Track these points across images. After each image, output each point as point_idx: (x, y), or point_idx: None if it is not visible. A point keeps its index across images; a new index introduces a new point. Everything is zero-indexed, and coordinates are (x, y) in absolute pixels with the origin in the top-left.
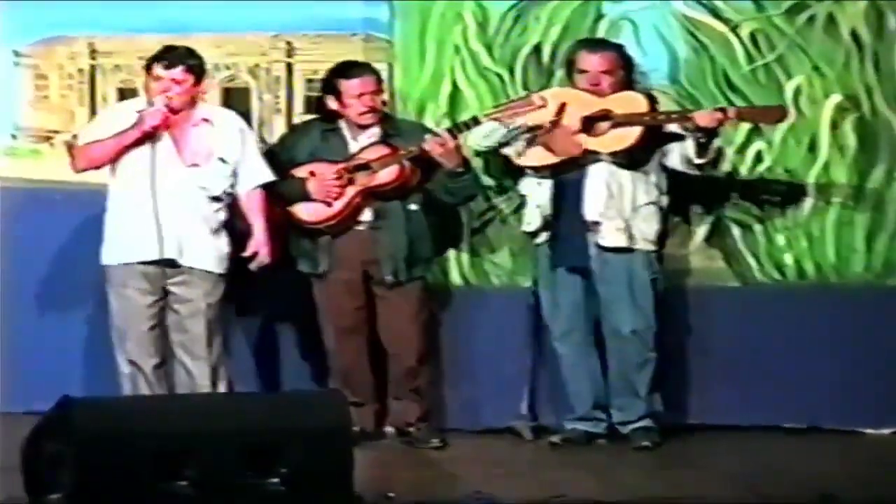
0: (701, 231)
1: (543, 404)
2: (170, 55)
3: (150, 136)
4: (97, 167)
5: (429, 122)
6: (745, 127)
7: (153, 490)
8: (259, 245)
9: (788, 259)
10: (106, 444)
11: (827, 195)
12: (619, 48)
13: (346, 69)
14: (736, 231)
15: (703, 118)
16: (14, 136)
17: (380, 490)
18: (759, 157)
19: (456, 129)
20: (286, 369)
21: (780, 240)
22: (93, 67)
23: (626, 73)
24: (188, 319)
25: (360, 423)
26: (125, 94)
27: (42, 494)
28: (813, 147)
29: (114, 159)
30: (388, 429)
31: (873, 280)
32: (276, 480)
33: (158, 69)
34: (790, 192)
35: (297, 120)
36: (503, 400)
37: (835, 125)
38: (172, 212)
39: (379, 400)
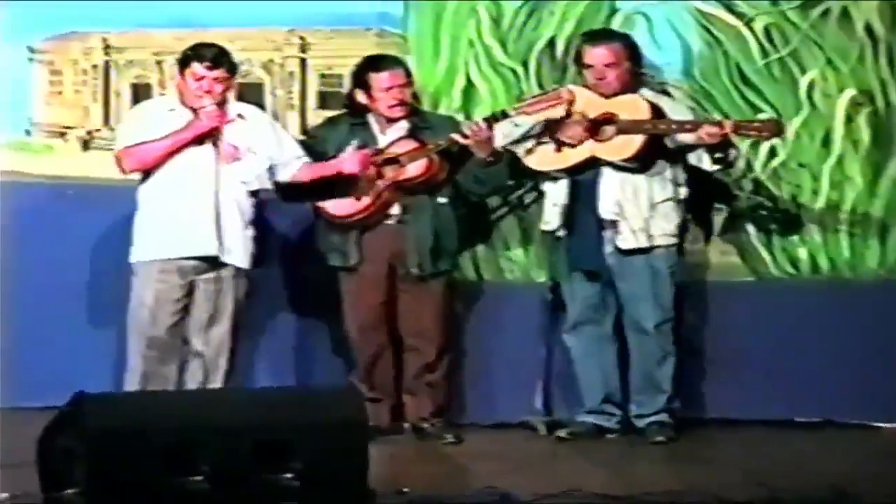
0: (715, 226)
1: (558, 399)
2: (210, 55)
3: (203, 137)
4: (148, 168)
5: None
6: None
7: (166, 485)
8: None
9: (802, 254)
10: (119, 440)
11: (841, 190)
12: (623, 38)
13: (376, 62)
14: (750, 226)
15: (702, 132)
16: (28, 132)
17: (394, 485)
18: (773, 152)
19: (492, 119)
20: (314, 364)
21: (794, 234)
22: (107, 63)
23: (632, 64)
24: (216, 316)
25: (376, 418)
26: (139, 89)
27: (57, 490)
28: (827, 141)
29: (166, 160)
30: (405, 424)
31: (887, 275)
32: (290, 475)
33: (199, 68)
34: (804, 187)
35: (310, 115)
36: (518, 394)
37: (849, 119)
38: (223, 208)
39: (396, 395)
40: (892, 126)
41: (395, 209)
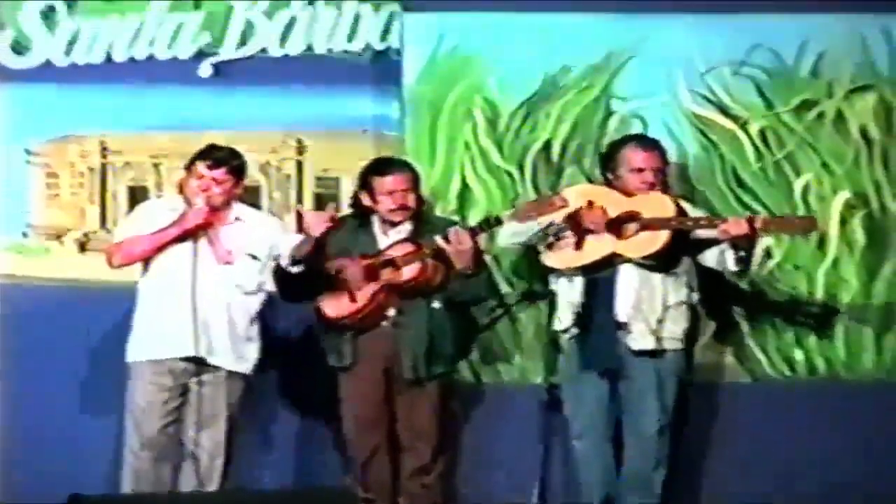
0: (710, 326)
1: (554, 499)
2: (214, 155)
3: (189, 234)
4: (135, 263)
5: None
6: None
7: None
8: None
9: (798, 355)
10: None
11: (836, 291)
12: (660, 145)
13: (381, 165)
14: (745, 327)
15: (731, 227)
16: (25, 234)
17: None
18: (768, 253)
19: (479, 228)
20: (313, 464)
21: (790, 336)
22: (104, 166)
23: (666, 167)
24: (209, 419)
25: None
26: (136, 192)
27: None
28: (822, 243)
29: (152, 255)
30: None
31: (884, 376)
32: None
33: (201, 168)
34: (800, 288)
35: None
36: (514, 496)
37: (844, 222)
38: (208, 310)
39: (392, 496)
40: (886, 228)
41: (391, 312)
